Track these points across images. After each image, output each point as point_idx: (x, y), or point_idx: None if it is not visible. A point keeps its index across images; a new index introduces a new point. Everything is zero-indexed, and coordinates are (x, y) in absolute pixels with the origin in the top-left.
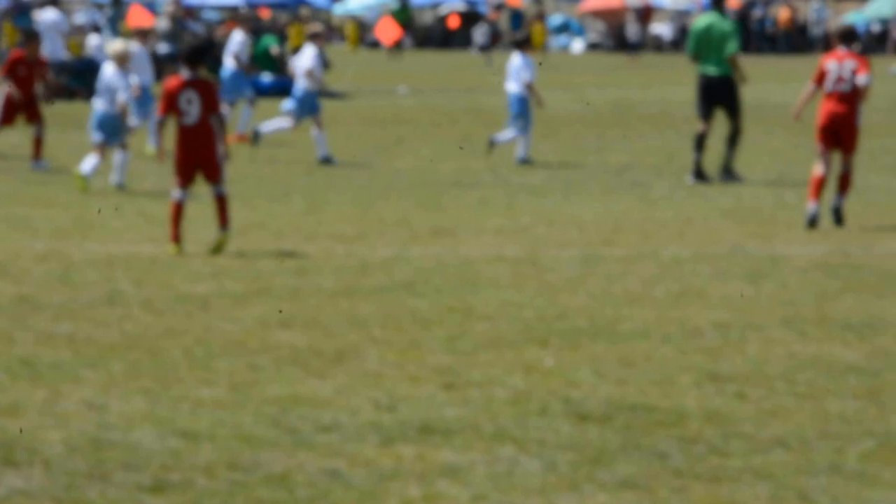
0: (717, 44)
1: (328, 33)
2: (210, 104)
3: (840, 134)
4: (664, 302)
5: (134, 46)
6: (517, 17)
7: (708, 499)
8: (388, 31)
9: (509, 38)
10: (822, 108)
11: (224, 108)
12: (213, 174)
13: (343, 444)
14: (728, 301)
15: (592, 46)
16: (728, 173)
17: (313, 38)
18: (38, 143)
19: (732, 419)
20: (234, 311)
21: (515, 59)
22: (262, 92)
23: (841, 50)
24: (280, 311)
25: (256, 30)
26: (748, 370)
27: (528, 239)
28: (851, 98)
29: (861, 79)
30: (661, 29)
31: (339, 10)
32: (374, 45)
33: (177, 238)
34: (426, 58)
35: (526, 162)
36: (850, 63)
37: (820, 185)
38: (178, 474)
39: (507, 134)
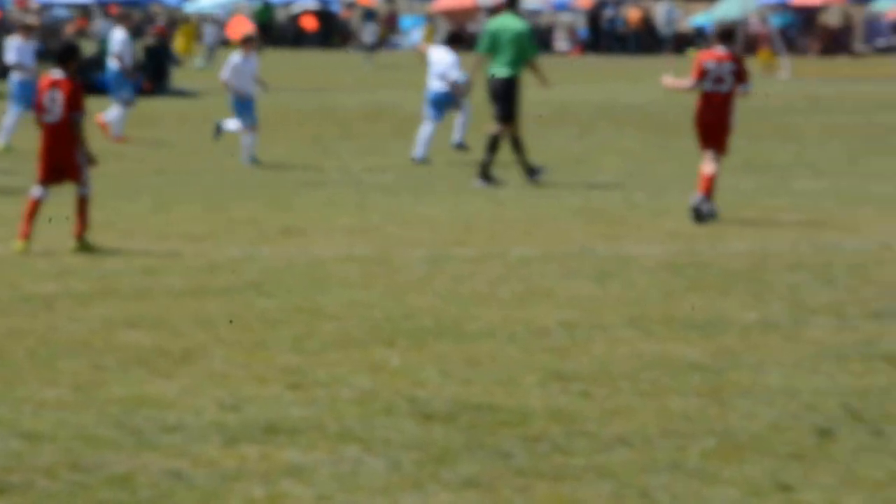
0: (508, 45)
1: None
2: (71, 103)
3: (713, 134)
4: (511, 302)
5: (16, 41)
6: (370, 16)
7: (551, 497)
8: (239, 29)
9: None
10: (700, 108)
11: (117, 109)
12: (73, 174)
13: (187, 445)
14: (575, 301)
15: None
16: (486, 178)
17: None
18: None
19: (576, 418)
20: (80, 311)
21: (443, 56)
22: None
23: (719, 49)
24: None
25: (137, 29)
26: (593, 369)
27: (378, 238)
28: (728, 99)
29: (748, 87)
30: None
31: (190, 7)
32: (225, 43)
33: (26, 235)
34: (279, 57)
35: (462, 147)
36: (728, 65)
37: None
38: (19, 475)
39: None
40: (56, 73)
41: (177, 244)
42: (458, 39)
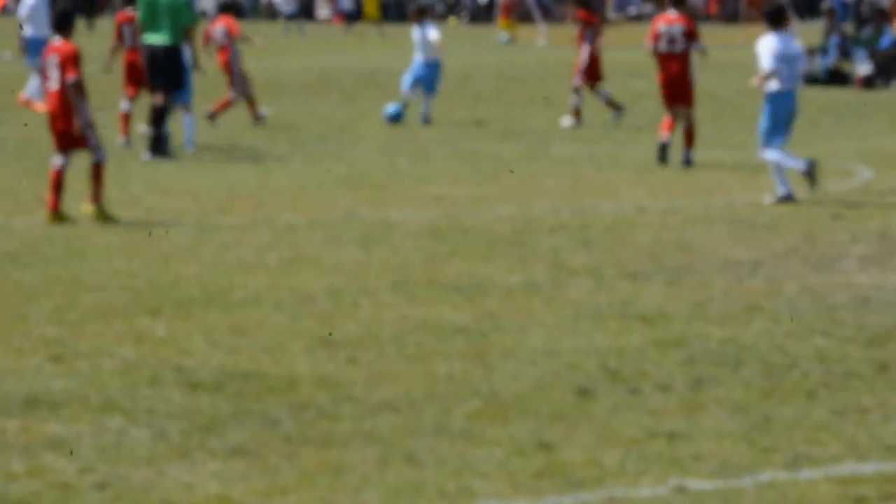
0: (164, 14)
1: None
2: (64, 69)
3: (676, 91)
4: (277, 269)
5: None
6: None
7: (318, 463)
8: None
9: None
10: (660, 69)
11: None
12: (79, 141)
13: None
14: (341, 267)
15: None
16: (158, 150)
17: None
18: None
19: (343, 384)
20: None
21: (427, 31)
22: None
23: (671, 13)
24: None
25: None
26: (360, 334)
27: (140, 209)
28: (683, 58)
29: (700, 46)
30: None
31: None
32: None
33: (54, 207)
34: None
35: (428, 122)
36: (679, 26)
37: (670, 125)
38: None
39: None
40: (55, 40)
41: None
42: (425, 13)
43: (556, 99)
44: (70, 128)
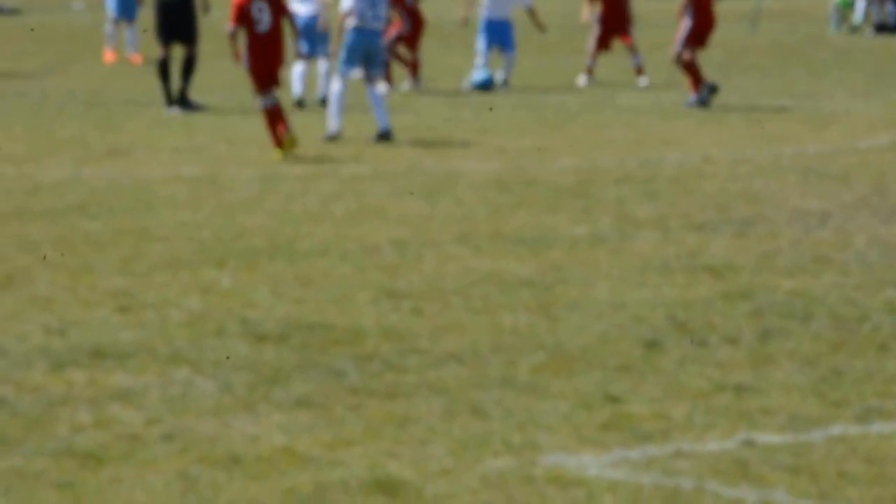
0: None
1: None
2: (278, 13)
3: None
4: (342, 220)
5: None
6: None
7: (383, 415)
8: None
9: None
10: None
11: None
12: (276, 78)
13: (10, 371)
14: (405, 218)
15: None
16: (185, 103)
17: None
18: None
19: (408, 335)
20: None
21: None
22: None
23: None
24: None
25: None
26: (424, 286)
27: (206, 158)
28: None
29: None
30: None
31: None
32: None
33: (279, 142)
34: None
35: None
36: None
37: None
38: None
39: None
40: None
41: None
42: None
43: (618, 47)
44: (274, 66)
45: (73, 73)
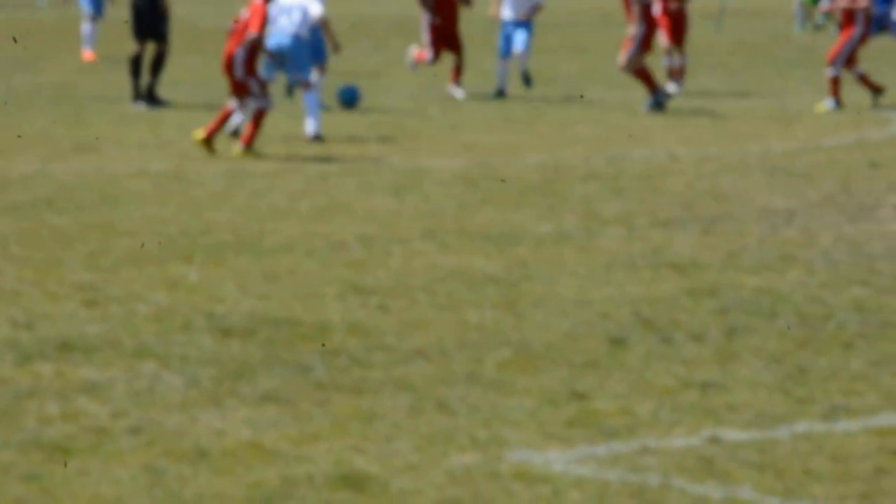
0: None
1: None
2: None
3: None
4: (309, 216)
5: None
6: None
7: (349, 410)
8: None
9: None
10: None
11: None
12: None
13: None
14: (372, 214)
15: None
16: (152, 99)
17: None
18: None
19: (375, 331)
20: None
21: None
22: None
23: None
24: None
25: None
26: (391, 282)
27: (173, 154)
28: None
29: None
30: None
31: None
32: None
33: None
34: None
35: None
36: None
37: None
38: None
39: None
40: None
41: None
42: None
43: (588, 45)
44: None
45: (40, 70)
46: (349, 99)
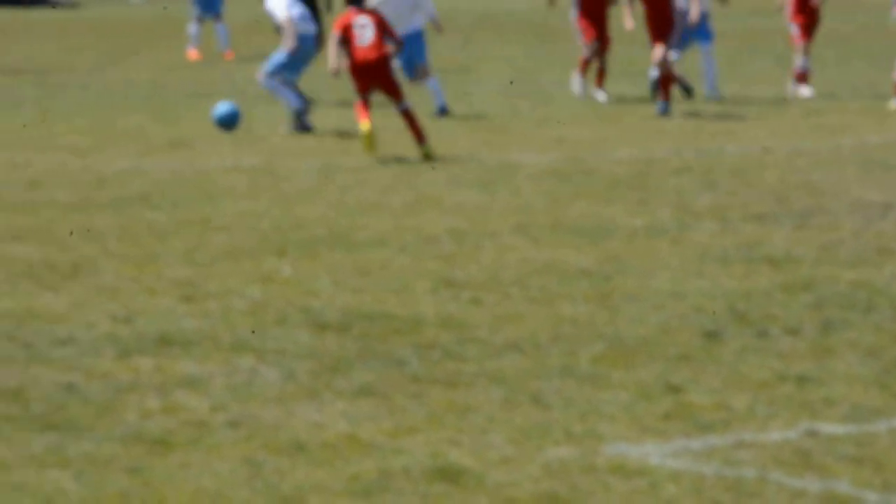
0: None
1: None
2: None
3: (659, 28)
4: (400, 210)
5: None
6: None
7: (444, 403)
8: None
9: None
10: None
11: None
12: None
13: (79, 358)
14: (462, 208)
15: None
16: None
17: None
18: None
19: (467, 325)
20: None
21: None
22: None
23: None
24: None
25: None
26: (483, 276)
27: (264, 149)
28: None
29: None
30: None
31: None
32: None
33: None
34: None
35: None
36: None
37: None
38: None
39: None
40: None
41: (62, 157)
42: None
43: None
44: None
45: (133, 66)
46: (228, 122)
